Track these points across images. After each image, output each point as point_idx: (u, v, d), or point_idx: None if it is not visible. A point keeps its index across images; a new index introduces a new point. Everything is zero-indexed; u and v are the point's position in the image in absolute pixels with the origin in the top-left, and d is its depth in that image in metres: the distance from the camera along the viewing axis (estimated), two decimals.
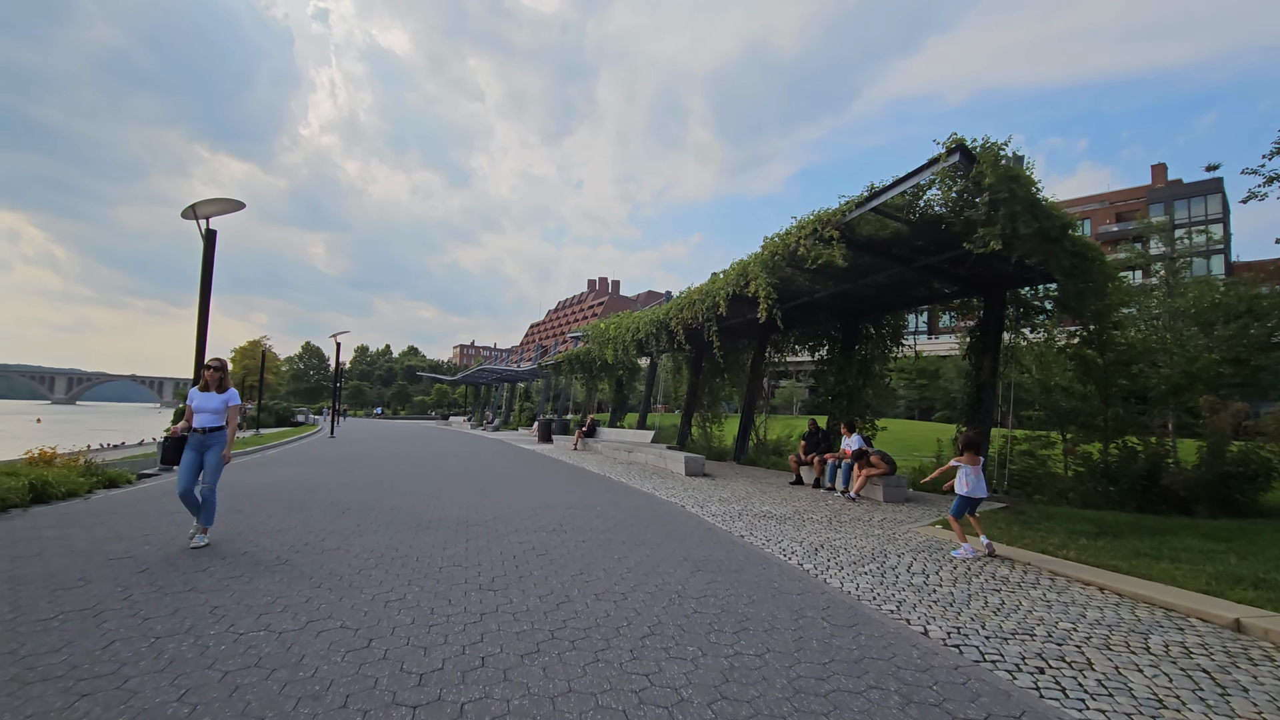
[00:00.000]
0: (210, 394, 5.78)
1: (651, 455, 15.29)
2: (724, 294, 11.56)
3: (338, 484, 9.98)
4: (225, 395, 5.82)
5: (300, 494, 8.73)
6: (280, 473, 11.54)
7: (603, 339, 18.81)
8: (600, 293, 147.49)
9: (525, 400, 48.72)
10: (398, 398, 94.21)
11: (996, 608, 4.50)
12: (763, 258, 10.24)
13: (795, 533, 7.03)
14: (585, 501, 8.82)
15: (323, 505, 7.79)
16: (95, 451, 17.04)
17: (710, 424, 19.55)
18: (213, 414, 5.71)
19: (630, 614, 4.06)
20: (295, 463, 13.70)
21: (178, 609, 3.85)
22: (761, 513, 8.27)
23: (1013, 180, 7.04)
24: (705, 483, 11.47)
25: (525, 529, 6.70)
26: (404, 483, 10.36)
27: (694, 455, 12.99)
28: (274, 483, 9.96)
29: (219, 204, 9.77)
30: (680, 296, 13.94)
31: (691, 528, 7.08)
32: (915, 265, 10.11)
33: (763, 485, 11.31)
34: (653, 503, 8.89)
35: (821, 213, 9.12)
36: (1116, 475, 9.51)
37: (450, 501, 8.42)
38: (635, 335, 16.38)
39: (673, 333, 14.37)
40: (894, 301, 12.72)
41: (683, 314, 13.33)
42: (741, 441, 16.82)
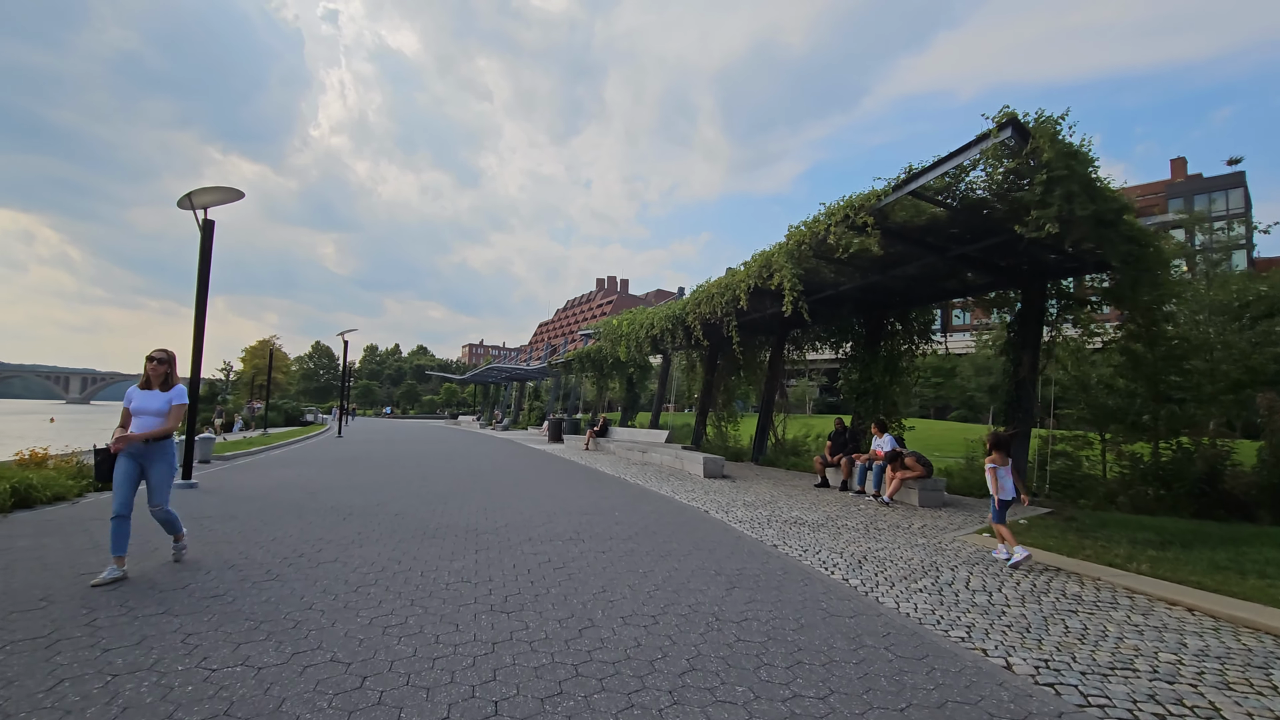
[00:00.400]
0: (153, 392, 4.73)
1: (667, 456, 14.74)
2: (745, 287, 11.00)
3: (341, 486, 9.51)
4: (170, 394, 4.74)
5: (301, 498, 8.26)
6: (283, 474, 11.10)
7: (615, 336, 18.29)
8: (609, 291, 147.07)
9: (535, 399, 48.30)
10: (407, 397, 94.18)
11: (1080, 634, 3.93)
12: (788, 248, 9.67)
13: (832, 542, 6.47)
14: (602, 506, 8.29)
15: (323, 510, 7.31)
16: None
17: (725, 423, 18.99)
18: (155, 416, 4.66)
19: (664, 642, 3.52)
20: (299, 464, 13.27)
21: (145, 637, 3.35)
22: (791, 518, 7.71)
23: (1071, 157, 6.44)
24: (726, 485, 10.92)
25: (539, 538, 6.18)
26: (410, 485, 9.88)
27: (712, 456, 12.44)
28: (274, 485, 9.50)
29: (216, 193, 9.32)
30: (698, 290, 13.38)
31: (719, 536, 6.53)
32: (950, 255, 9.50)
33: (787, 488, 10.74)
34: (673, 507, 8.35)
35: (853, 198, 8.54)
36: (1171, 478, 8.87)
37: (458, 506, 7.92)
38: (649, 331, 15.84)
39: (689, 328, 13.82)
40: (923, 294, 12.10)
41: (700, 309, 12.78)
42: (760, 441, 16.25)
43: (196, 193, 9.16)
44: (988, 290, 11.04)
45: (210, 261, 9.37)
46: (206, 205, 9.45)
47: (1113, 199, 7.10)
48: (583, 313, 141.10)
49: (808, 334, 16.02)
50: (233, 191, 9.45)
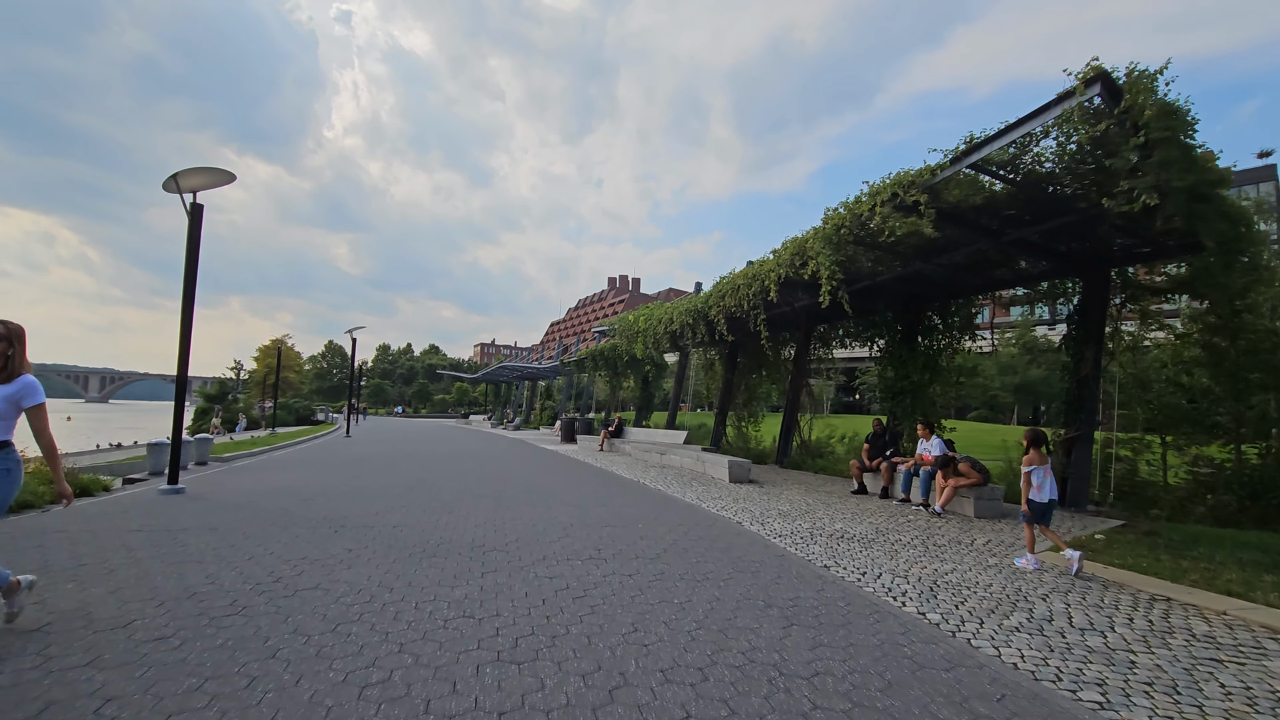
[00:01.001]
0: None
1: (687, 458, 13.93)
2: (775, 278, 10.16)
3: (340, 492, 8.79)
4: (14, 388, 3.39)
5: (293, 505, 7.54)
6: (279, 478, 10.41)
7: (631, 332, 17.50)
8: (620, 290, 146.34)
9: (547, 399, 47.65)
10: (418, 396, 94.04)
11: (1250, 699, 3.08)
12: (825, 233, 8.82)
13: (889, 561, 5.63)
14: (623, 515, 7.49)
15: (314, 521, 6.57)
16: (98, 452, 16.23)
17: (746, 423, 18.13)
18: None
19: (721, 711, 2.72)
20: (300, 466, 12.60)
21: (51, 704, 2.60)
22: (835, 532, 6.87)
23: (1171, 115, 5.55)
24: (755, 491, 10.09)
25: (555, 556, 5.40)
26: (414, 491, 9.14)
27: (739, 459, 11.60)
28: (268, 491, 8.80)
29: (205, 176, 8.63)
30: (722, 283, 12.55)
31: (759, 554, 5.72)
32: (1005, 239, 8.61)
33: (821, 495, 9.89)
34: (702, 518, 7.53)
35: (902, 174, 7.68)
36: (1262, 487, 7.91)
37: (465, 516, 7.16)
38: (668, 327, 15.02)
39: (712, 323, 13.00)
40: (968, 284, 11.19)
41: (725, 302, 11.95)
42: (784, 443, 15.39)
43: (183, 174, 8.47)
44: (1043, 279, 10.12)
45: (198, 248, 8.67)
46: (195, 189, 8.76)
47: (1210, 170, 6.20)
48: (594, 312, 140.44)
49: (835, 329, 15.13)
50: (223, 174, 8.75)
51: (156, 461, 11.14)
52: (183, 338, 8.47)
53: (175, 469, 8.37)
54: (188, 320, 8.52)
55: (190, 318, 8.56)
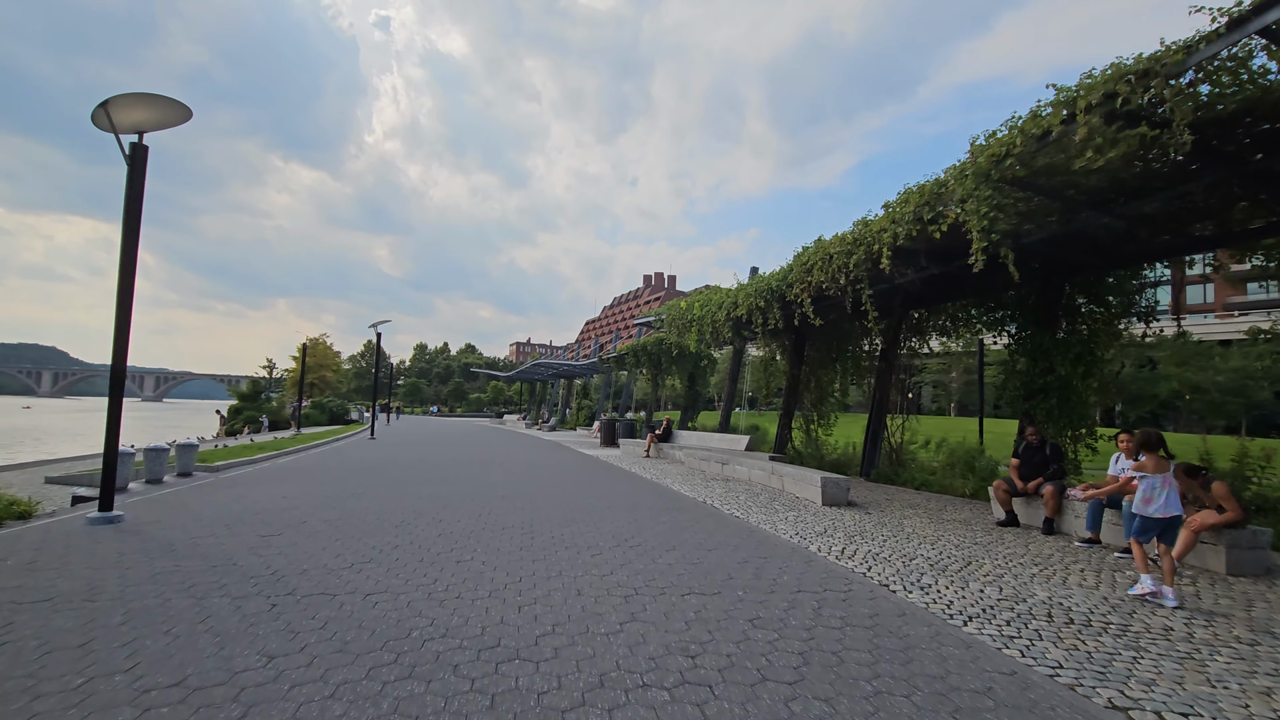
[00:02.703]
0: None
1: (757, 470, 11.51)
2: (890, 238, 7.70)
3: (322, 521, 6.68)
4: None
5: (245, 548, 5.44)
6: (260, 498, 8.39)
7: (683, 321, 15.15)
8: (656, 288, 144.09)
9: (583, 398, 45.67)
10: (454, 395, 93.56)
11: None
12: (979, 168, 6.32)
13: (1174, 683, 3.16)
14: (708, 569, 5.14)
15: (256, 581, 4.42)
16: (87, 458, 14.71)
17: (816, 426, 15.59)
18: None
19: None
20: (299, 477, 10.62)
21: None
22: (1040, 603, 4.39)
23: None
24: (864, 521, 7.63)
25: (619, 678, 3.08)
26: (418, 521, 6.98)
27: (833, 476, 9.12)
28: (230, 519, 6.75)
29: (149, 108, 6.59)
30: (806, 253, 10.07)
31: (971, 669, 3.29)
32: (1251, 168, 5.97)
33: (958, 528, 7.37)
34: (825, 575, 5.12)
35: (1121, 65, 5.14)
36: None
37: (477, 573, 4.93)
38: (731, 313, 12.62)
39: (791, 305, 10.57)
40: (1137, 248, 8.48)
41: (813, 276, 9.50)
42: (870, 451, 12.83)
43: (118, 104, 6.44)
44: (1270, 234, 7.37)
45: (141, 198, 6.66)
46: (138, 128, 6.76)
47: None
48: (630, 309, 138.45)
49: (936, 314, 12.49)
50: (173, 106, 6.71)
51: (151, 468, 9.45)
52: (120, 317, 6.46)
53: (109, 491, 6.36)
54: (128, 281, 6.50)
55: (132, 279, 6.54)
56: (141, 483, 9.35)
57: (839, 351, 14.89)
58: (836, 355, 14.94)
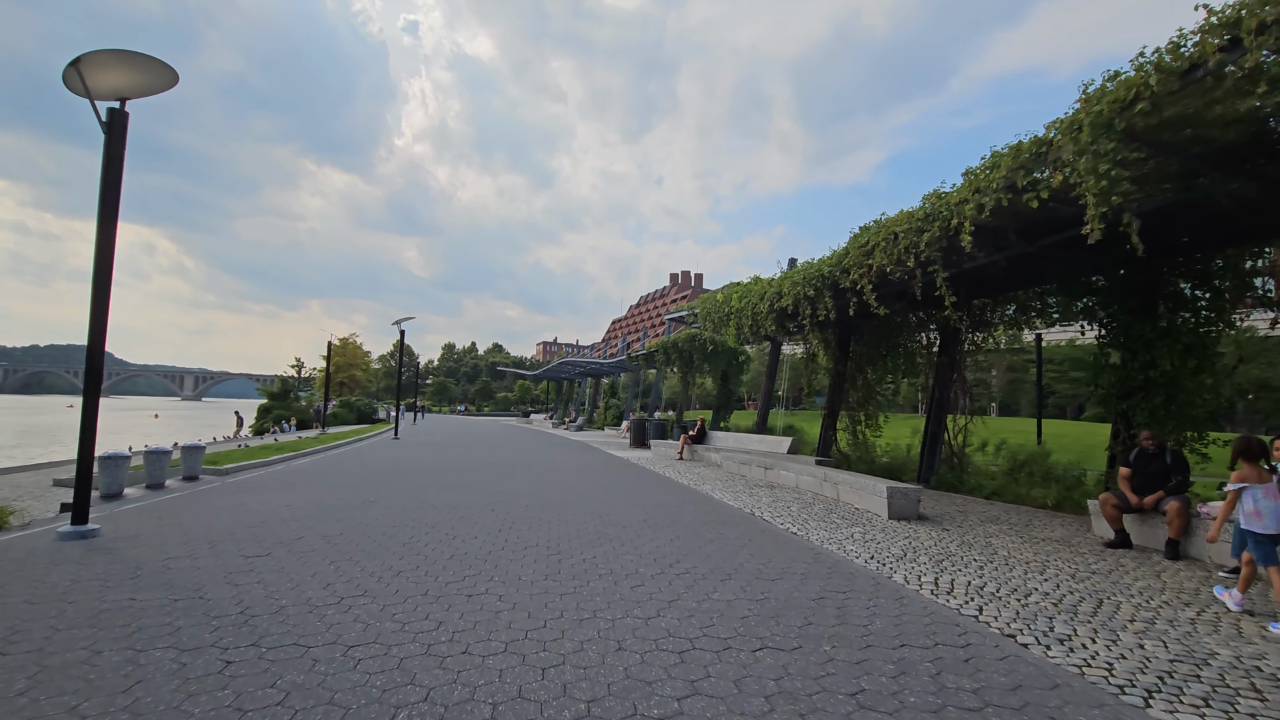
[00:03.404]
0: None
1: (806, 475, 10.45)
2: (974, 210, 6.60)
3: (322, 535, 5.85)
4: None
5: (229, 567, 4.62)
6: (264, 504, 7.64)
7: (719, 314, 14.12)
8: (683, 286, 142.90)
9: (611, 397, 44.84)
10: (481, 394, 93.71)
11: None
12: (1099, 117, 5.20)
13: None
14: (776, 609, 4.13)
15: (227, 619, 3.57)
16: None
17: (863, 428, 14.42)
18: None
19: None
20: (311, 482, 9.89)
21: None
22: (1243, 668, 3.30)
23: None
24: (944, 539, 6.54)
25: None
26: (435, 533, 6.12)
27: (901, 486, 8.02)
28: (220, 535, 5.96)
29: (128, 70, 5.83)
30: (867, 232, 8.97)
31: None
32: None
33: (1060, 549, 6.23)
34: (928, 620, 4.06)
35: None
36: None
37: (497, 604, 4.02)
38: (775, 304, 11.55)
39: (846, 293, 9.50)
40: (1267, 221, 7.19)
41: (875, 259, 8.41)
42: (930, 456, 11.66)
43: (92, 63, 5.68)
44: None
45: (120, 172, 5.90)
46: (120, 95, 6.01)
47: None
48: (656, 308, 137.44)
49: (1004, 302, 11.24)
50: (157, 69, 5.93)
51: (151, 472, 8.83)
52: (96, 303, 5.71)
53: (82, 503, 5.61)
54: (104, 277, 5.75)
55: (109, 263, 5.80)
56: (141, 487, 8.70)
57: (889, 346, 13.71)
58: (887, 350, 13.77)
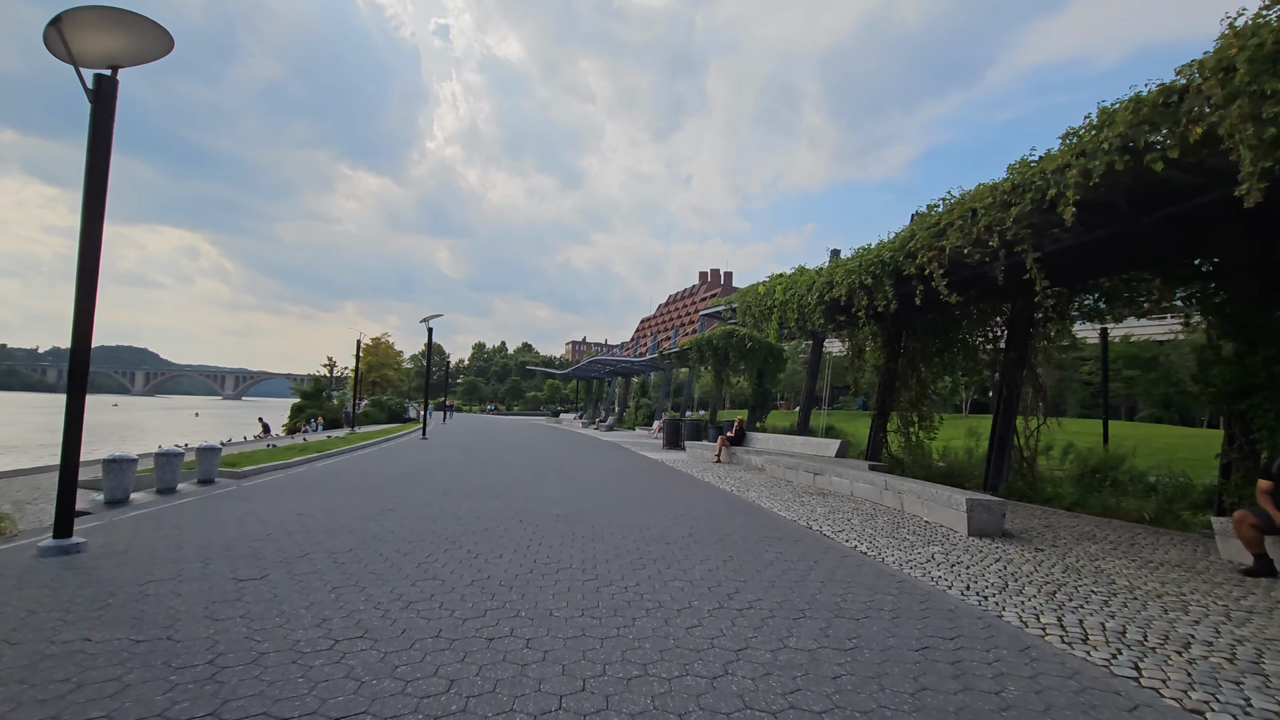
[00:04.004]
0: None
1: (860, 482, 9.51)
2: (1080, 176, 5.62)
3: (329, 552, 5.18)
4: None
5: (215, 595, 3.95)
6: (275, 512, 7.03)
7: (761, 308, 13.20)
8: (712, 284, 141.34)
9: (642, 396, 44.09)
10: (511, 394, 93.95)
11: None
12: (1261, 50, 4.21)
13: None
14: (869, 659, 3.28)
15: (190, 671, 2.87)
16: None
17: (917, 430, 13.36)
18: None
19: None
20: (332, 486, 9.31)
21: None
22: None
23: None
24: (1044, 563, 5.58)
25: None
26: (455, 549, 5.41)
27: (982, 496, 7.03)
28: (220, 545, 5.33)
29: (114, 29, 5.25)
30: (935, 211, 7.99)
31: None
32: None
33: (1197, 581, 5.22)
34: (1072, 681, 3.16)
35: None
36: None
37: (523, 653, 3.26)
38: (825, 295, 10.59)
39: (910, 280, 8.54)
40: None
41: (946, 240, 7.44)
42: (998, 462, 10.58)
43: (76, 23, 5.09)
44: None
45: (108, 147, 5.31)
46: (112, 63, 5.43)
47: None
48: (685, 306, 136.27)
49: (1080, 292, 10.09)
50: (153, 31, 5.33)
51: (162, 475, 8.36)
52: (81, 295, 5.12)
53: (65, 515, 5.02)
54: (90, 266, 5.16)
55: (95, 261, 5.21)
56: (152, 492, 8.21)
57: (946, 341, 12.65)
58: (944, 345, 12.70)
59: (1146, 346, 39.51)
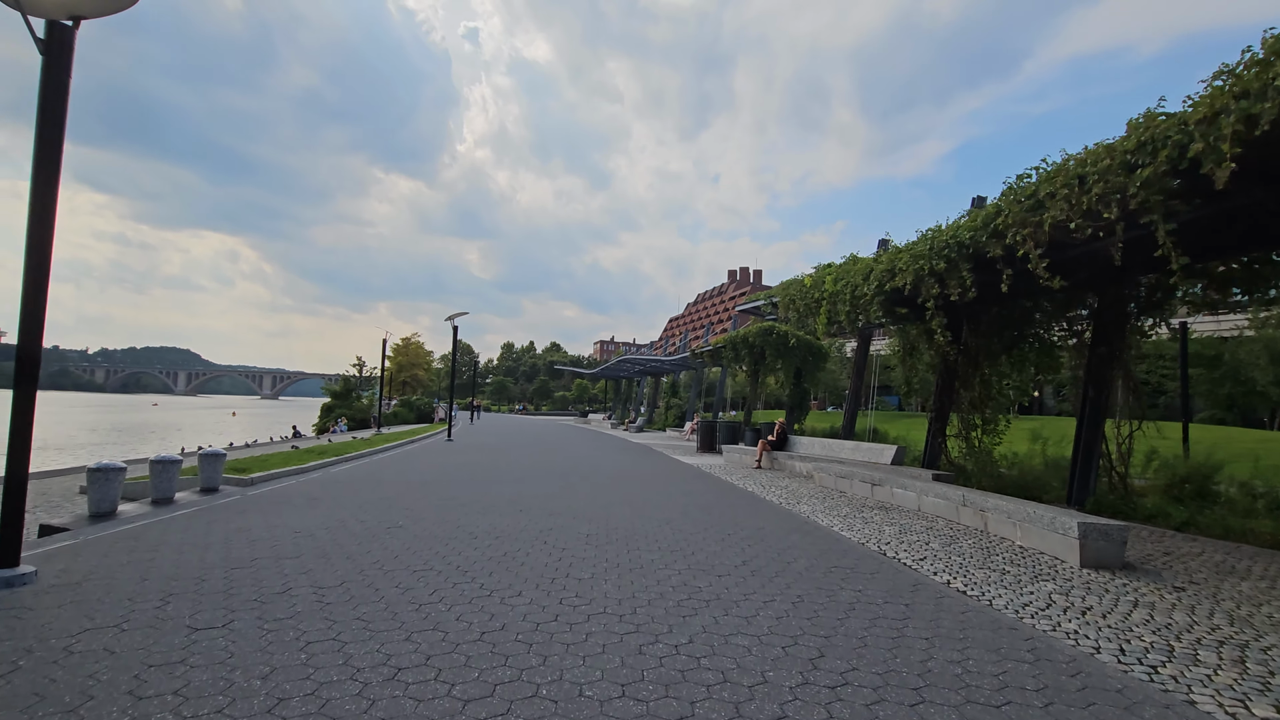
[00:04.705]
0: None
1: (931, 496, 8.38)
2: (1238, 123, 4.46)
3: (315, 589, 4.31)
4: None
5: (158, 652, 3.10)
6: (270, 530, 6.23)
7: (809, 300, 12.09)
8: (741, 283, 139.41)
9: (672, 396, 43.08)
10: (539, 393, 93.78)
11: None
12: None
13: None
14: None
15: None
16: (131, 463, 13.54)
17: (979, 434, 12.09)
18: None
19: None
20: (341, 496, 8.54)
21: None
22: None
23: None
24: (1193, 608, 4.43)
25: None
26: (466, 583, 4.50)
27: (1098, 521, 5.85)
28: (191, 576, 4.51)
29: None
30: (1027, 183, 6.83)
31: None
32: None
33: None
34: None
35: None
36: None
37: None
38: (886, 283, 9.46)
39: (995, 264, 7.38)
40: None
41: (1047, 213, 6.28)
42: (1084, 474, 9.31)
43: None
44: None
45: (64, 106, 4.53)
46: (72, 14, 4.64)
47: None
48: (714, 305, 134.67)
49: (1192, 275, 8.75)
50: None
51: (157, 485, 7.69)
52: (31, 285, 4.35)
53: (12, 540, 4.24)
54: (41, 242, 4.38)
55: (48, 239, 4.43)
56: (147, 503, 7.51)
57: (1016, 335, 11.39)
58: (1013, 340, 11.44)
59: (1208, 343, 37.09)
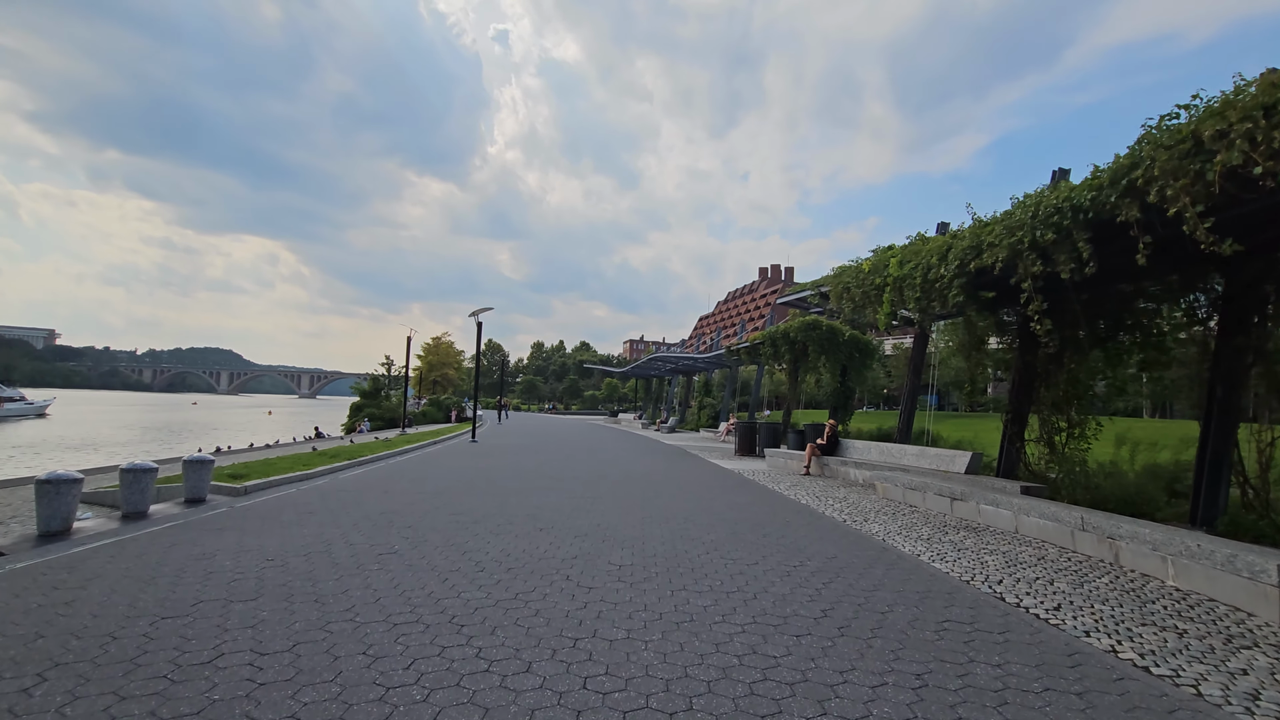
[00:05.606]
0: None
1: (1033, 516, 6.97)
2: None
3: (257, 653, 3.21)
4: None
5: None
6: (243, 555, 5.18)
7: (868, 287, 10.69)
8: (773, 280, 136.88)
9: (705, 395, 41.71)
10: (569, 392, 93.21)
11: None
12: None
13: None
14: None
15: None
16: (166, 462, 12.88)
17: (1064, 438, 10.54)
18: None
19: None
20: (339, 509, 7.51)
21: None
22: None
23: None
24: None
25: None
26: (459, 644, 3.35)
27: None
28: (99, 635, 3.46)
29: None
30: (1179, 126, 5.40)
31: None
32: None
33: None
34: None
35: None
36: None
37: None
38: (969, 263, 8.05)
39: (1126, 230, 5.95)
40: None
41: (1212, 163, 4.86)
42: (1213, 488, 7.77)
43: None
44: None
45: None
46: None
47: None
48: (745, 303, 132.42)
49: None
50: None
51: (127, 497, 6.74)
52: None
53: None
54: None
55: None
56: (116, 517, 6.58)
57: (1114, 326, 9.84)
58: (1110, 331, 9.88)
59: None
